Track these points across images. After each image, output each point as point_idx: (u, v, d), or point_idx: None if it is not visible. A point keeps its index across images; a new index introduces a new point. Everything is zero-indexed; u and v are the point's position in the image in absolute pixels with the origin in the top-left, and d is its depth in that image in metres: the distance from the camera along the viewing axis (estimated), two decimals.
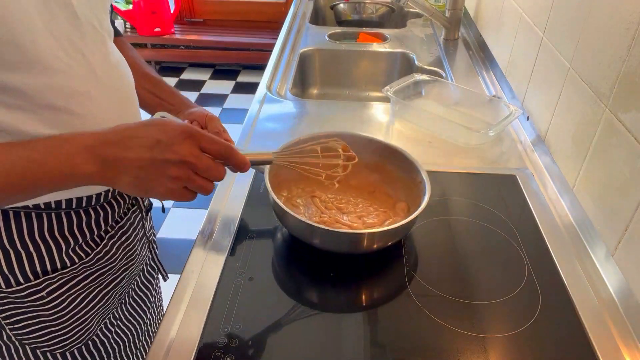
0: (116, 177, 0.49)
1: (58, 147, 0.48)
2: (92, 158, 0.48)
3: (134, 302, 0.86)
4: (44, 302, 0.67)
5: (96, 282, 0.72)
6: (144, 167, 0.49)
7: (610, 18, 0.77)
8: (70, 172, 0.47)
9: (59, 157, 0.47)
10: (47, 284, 0.66)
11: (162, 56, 3.63)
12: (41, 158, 0.47)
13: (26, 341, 0.70)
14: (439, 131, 1.10)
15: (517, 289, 0.71)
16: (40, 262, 0.65)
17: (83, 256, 0.69)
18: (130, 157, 0.49)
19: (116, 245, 0.73)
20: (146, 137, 0.49)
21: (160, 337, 0.64)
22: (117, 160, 0.48)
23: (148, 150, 0.49)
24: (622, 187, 0.72)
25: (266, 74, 1.38)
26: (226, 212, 0.85)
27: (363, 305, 0.69)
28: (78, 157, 0.48)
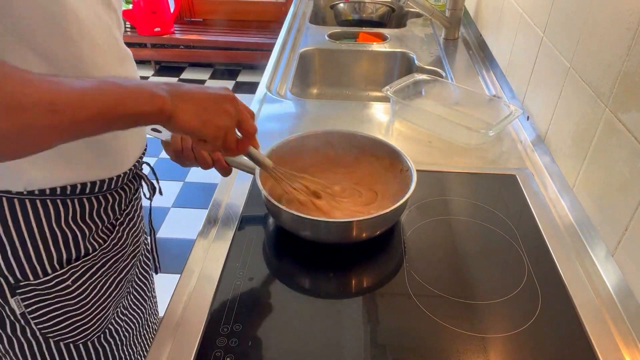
0: (181, 107, 0.56)
1: (142, 82, 0.56)
2: (163, 89, 0.56)
3: (136, 292, 0.88)
4: (70, 291, 0.69)
5: (112, 269, 0.75)
6: (204, 99, 0.59)
7: (610, 18, 0.77)
8: (149, 97, 0.54)
9: (139, 85, 0.54)
10: (72, 272, 0.68)
11: (162, 56, 3.63)
12: (127, 84, 0.53)
13: (50, 334, 0.71)
14: (439, 131, 1.10)
15: (517, 289, 0.71)
16: (67, 251, 0.67)
17: (102, 242, 0.71)
18: (193, 91, 0.59)
19: (125, 231, 0.76)
20: (200, 85, 0.61)
21: (160, 337, 0.64)
22: (182, 92, 0.57)
23: (206, 89, 0.60)
24: (622, 187, 0.72)
25: (266, 73, 1.38)
26: (226, 212, 0.85)
27: (363, 305, 0.69)
28: (153, 87, 0.55)
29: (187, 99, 0.57)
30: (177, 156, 0.78)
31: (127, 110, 0.52)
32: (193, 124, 0.58)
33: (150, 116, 0.54)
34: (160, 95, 0.54)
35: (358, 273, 0.76)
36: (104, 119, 0.50)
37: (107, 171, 0.68)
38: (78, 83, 0.49)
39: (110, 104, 0.50)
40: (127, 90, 0.52)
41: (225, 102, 0.61)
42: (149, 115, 0.54)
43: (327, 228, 0.74)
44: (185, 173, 2.57)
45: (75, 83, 0.49)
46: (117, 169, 0.70)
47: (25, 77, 0.45)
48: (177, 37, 3.51)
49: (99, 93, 0.50)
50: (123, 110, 0.51)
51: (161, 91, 0.54)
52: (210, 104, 0.59)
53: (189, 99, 0.57)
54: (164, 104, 0.54)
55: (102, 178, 0.67)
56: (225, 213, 0.85)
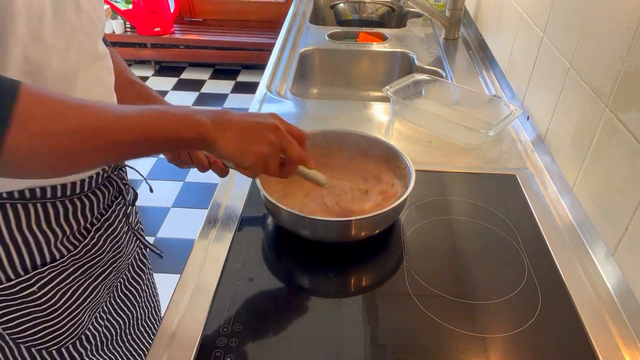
0: (223, 134, 0.58)
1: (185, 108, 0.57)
2: (206, 116, 0.57)
3: (124, 296, 0.86)
4: (36, 298, 0.67)
5: (85, 275, 0.72)
6: (246, 128, 0.60)
7: (610, 18, 0.77)
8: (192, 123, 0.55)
9: (182, 111, 0.56)
10: (37, 278, 0.65)
11: (162, 56, 3.63)
12: (170, 111, 0.55)
13: (20, 340, 0.69)
14: (439, 131, 1.10)
15: (517, 289, 0.71)
16: (30, 256, 0.64)
17: (71, 249, 0.69)
18: (236, 119, 0.60)
19: (102, 238, 0.73)
20: (249, 113, 0.63)
21: (160, 337, 0.64)
22: (224, 120, 0.58)
23: (250, 117, 0.61)
24: (622, 187, 0.72)
25: (266, 73, 1.38)
26: (226, 212, 0.85)
27: (363, 305, 0.69)
28: (195, 114, 0.56)
29: (229, 126, 0.58)
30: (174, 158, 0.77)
31: (169, 135, 0.54)
32: (233, 153, 0.59)
33: (191, 142, 0.56)
34: (203, 122, 0.56)
35: (358, 273, 0.76)
36: (144, 143, 0.52)
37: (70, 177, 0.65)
38: (121, 108, 0.51)
39: (151, 129, 0.52)
40: (170, 116, 0.54)
41: (267, 130, 0.61)
42: (190, 141, 0.56)
43: (327, 227, 0.74)
44: (185, 173, 2.57)
45: (118, 108, 0.51)
46: (78, 174, 0.66)
47: (67, 102, 0.47)
48: (177, 37, 3.51)
49: (140, 118, 0.52)
50: (165, 135, 0.53)
51: (204, 118, 0.56)
52: (251, 132, 0.60)
53: (230, 127, 0.58)
54: (206, 132, 0.56)
55: (64, 182, 0.64)
56: (225, 213, 0.85)
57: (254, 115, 0.62)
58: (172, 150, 0.57)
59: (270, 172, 0.64)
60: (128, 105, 0.52)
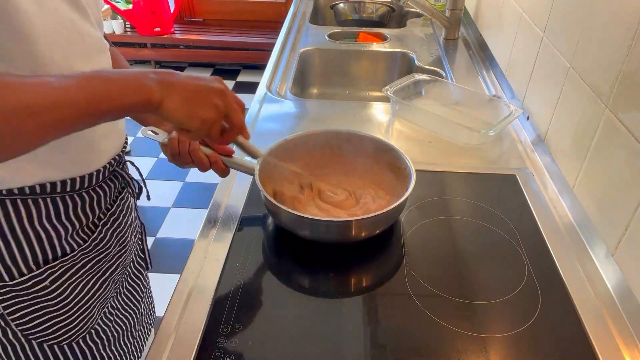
0: (169, 96, 0.56)
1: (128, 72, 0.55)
2: (151, 79, 0.55)
3: (128, 292, 0.87)
4: (48, 292, 0.68)
5: (94, 269, 0.73)
6: (192, 91, 0.59)
7: (610, 18, 0.77)
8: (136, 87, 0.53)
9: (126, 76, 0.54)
10: (49, 272, 0.67)
11: (162, 56, 3.63)
12: (113, 76, 0.53)
13: (32, 335, 0.70)
14: (439, 131, 1.10)
15: (517, 289, 0.71)
16: (42, 251, 0.66)
17: (81, 243, 0.70)
18: (182, 81, 0.58)
19: (109, 232, 0.74)
20: (194, 76, 0.61)
21: (160, 337, 0.64)
22: (171, 82, 0.57)
23: (197, 80, 0.60)
24: (622, 187, 0.72)
25: (266, 73, 1.38)
26: (226, 212, 0.85)
27: (363, 305, 0.69)
28: (140, 76, 0.55)
29: (175, 88, 0.57)
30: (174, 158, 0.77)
31: (114, 103, 0.51)
32: (178, 115, 0.58)
33: (137, 107, 0.54)
34: (148, 85, 0.54)
35: (358, 273, 0.76)
36: (89, 114, 0.50)
37: (77, 169, 0.66)
38: (59, 81, 0.49)
39: (95, 99, 0.50)
40: (113, 83, 0.52)
41: (213, 94, 0.61)
42: (136, 106, 0.54)
43: (327, 227, 0.74)
44: (185, 173, 2.57)
45: (56, 82, 0.48)
46: (89, 167, 0.68)
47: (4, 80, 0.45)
48: (177, 37, 3.51)
49: (81, 89, 0.49)
50: (109, 103, 0.51)
51: (149, 81, 0.54)
52: (198, 96, 0.59)
53: (177, 89, 0.57)
54: (151, 94, 0.54)
55: (73, 176, 0.65)
56: (225, 213, 0.85)
57: (201, 79, 0.61)
58: (120, 116, 0.55)
59: (212, 137, 0.63)
60: (70, 75, 0.50)
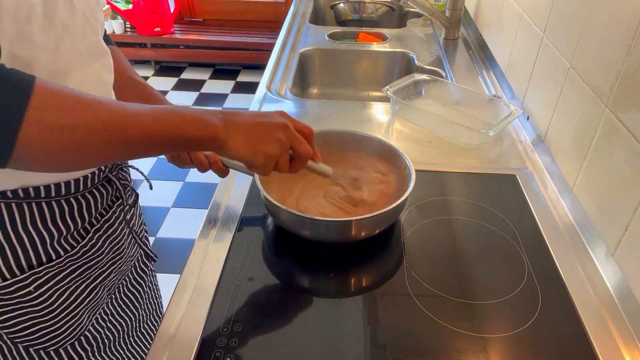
0: (233, 135, 0.59)
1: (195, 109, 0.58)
2: (217, 117, 0.58)
3: (126, 298, 0.86)
4: (32, 298, 0.66)
5: (83, 275, 0.72)
6: (255, 128, 0.61)
7: (610, 18, 0.77)
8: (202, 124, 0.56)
9: (194, 112, 0.57)
10: (33, 278, 0.65)
11: (162, 56, 3.63)
12: (182, 111, 0.56)
13: (18, 339, 0.69)
14: (439, 131, 1.10)
15: (517, 289, 0.71)
16: (25, 256, 0.64)
17: (69, 249, 0.68)
18: (245, 120, 0.61)
19: (102, 239, 0.73)
20: (258, 112, 0.63)
21: (160, 337, 0.64)
22: (235, 121, 0.60)
23: (260, 117, 0.62)
24: (622, 187, 0.72)
25: (266, 73, 1.38)
26: (226, 212, 0.85)
27: (363, 305, 0.69)
28: (206, 115, 0.58)
29: (239, 127, 0.60)
30: (174, 158, 0.77)
31: (181, 135, 0.55)
32: (244, 153, 0.60)
33: (202, 142, 0.58)
34: (214, 123, 0.57)
35: (358, 273, 0.76)
36: (156, 141, 0.53)
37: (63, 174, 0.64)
38: (135, 106, 0.52)
39: (164, 127, 0.53)
40: (182, 116, 0.55)
41: (277, 130, 0.62)
42: (201, 141, 0.57)
43: (327, 227, 0.74)
44: (185, 173, 2.57)
45: (131, 106, 0.52)
46: (75, 173, 0.66)
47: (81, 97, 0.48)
48: (177, 37, 3.51)
49: (154, 116, 0.53)
50: (177, 135, 0.55)
51: (215, 119, 0.57)
52: (261, 133, 0.61)
53: (241, 128, 0.60)
54: (217, 132, 0.57)
55: (57, 182, 0.64)
56: (225, 213, 0.85)
57: (263, 115, 0.63)
58: (182, 150, 0.59)
59: (281, 170, 0.65)
60: (141, 104, 0.53)
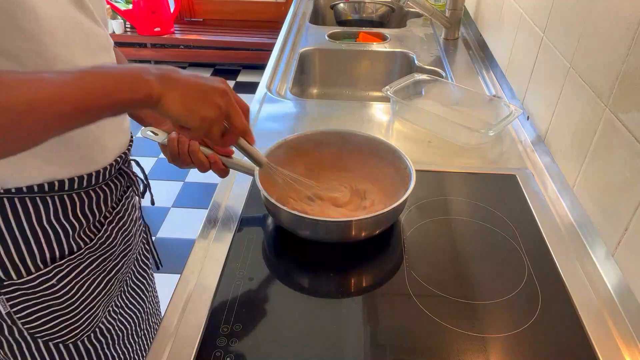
0: (169, 92, 0.56)
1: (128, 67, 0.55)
2: (152, 74, 0.55)
3: (132, 291, 0.87)
4: (55, 290, 0.68)
5: (100, 267, 0.74)
6: (194, 88, 0.58)
7: (610, 18, 0.77)
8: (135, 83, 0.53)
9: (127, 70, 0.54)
10: (56, 271, 0.67)
11: (162, 56, 3.63)
12: (113, 71, 0.53)
13: (38, 334, 0.70)
14: (439, 131, 1.10)
15: (517, 289, 0.71)
16: (49, 249, 0.66)
17: (88, 241, 0.70)
18: (184, 78, 0.58)
19: (115, 230, 0.75)
20: (197, 74, 0.60)
21: (160, 337, 0.64)
22: (172, 78, 0.56)
23: (199, 78, 0.59)
24: (622, 187, 0.72)
25: (266, 73, 1.38)
26: (226, 212, 0.85)
27: (363, 305, 0.69)
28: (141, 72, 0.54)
29: (176, 85, 0.56)
30: (174, 159, 0.77)
31: (112, 98, 0.51)
32: (178, 111, 0.57)
33: (136, 102, 0.54)
34: (148, 80, 0.53)
35: (358, 273, 0.76)
36: (89, 109, 0.50)
37: (84, 167, 0.66)
38: (58, 76, 0.48)
39: (93, 94, 0.49)
40: (110, 77, 0.51)
41: (215, 94, 0.60)
42: (134, 101, 0.53)
43: (327, 227, 0.74)
44: (185, 173, 2.57)
45: (55, 77, 0.48)
46: (95, 165, 0.68)
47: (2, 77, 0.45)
48: (177, 37, 3.51)
49: (80, 84, 0.49)
50: (108, 99, 0.51)
51: (149, 75, 0.54)
52: (199, 94, 0.58)
53: (178, 85, 0.56)
54: (151, 89, 0.54)
55: (80, 174, 0.66)
56: (225, 214, 0.85)
57: (202, 77, 0.60)
58: (119, 112, 0.55)
59: (212, 137, 0.62)
60: (68, 71, 0.50)
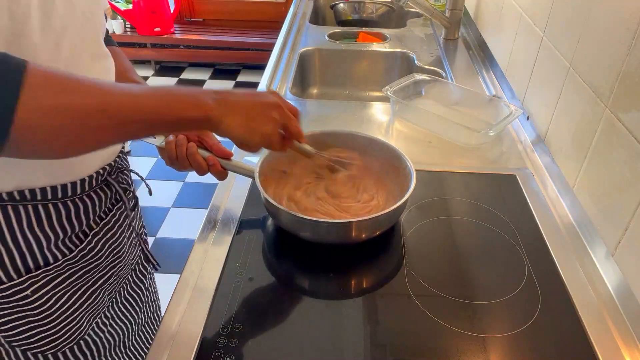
0: (228, 115, 0.60)
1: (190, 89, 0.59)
2: (211, 97, 0.59)
3: (126, 302, 0.85)
4: (30, 302, 0.66)
5: (82, 279, 0.71)
6: (250, 108, 0.62)
7: (610, 18, 0.77)
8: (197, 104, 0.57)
9: (188, 92, 0.58)
10: (31, 282, 0.65)
11: (162, 56, 3.63)
12: (177, 91, 0.57)
13: (15, 343, 0.69)
14: (439, 131, 1.10)
15: (517, 289, 0.71)
16: (22, 259, 0.64)
17: (67, 252, 0.68)
18: (239, 99, 0.62)
19: (101, 243, 0.72)
20: (250, 92, 0.64)
21: (160, 337, 0.64)
22: (229, 101, 0.60)
23: (253, 97, 0.63)
24: (622, 187, 0.72)
25: (266, 73, 1.38)
26: (226, 212, 0.85)
27: (363, 305, 0.69)
28: (201, 95, 0.59)
29: (234, 107, 0.60)
30: (172, 162, 0.77)
31: (174, 115, 0.55)
32: (240, 133, 0.61)
33: (196, 122, 0.58)
34: (208, 103, 0.58)
35: (358, 273, 0.76)
36: (151, 121, 0.54)
37: (60, 176, 0.64)
38: (129, 87, 0.53)
39: (158, 108, 0.54)
40: (176, 97, 0.56)
41: (270, 108, 0.63)
42: (194, 121, 0.58)
43: (327, 229, 0.74)
44: (184, 173, 2.57)
45: (126, 87, 0.52)
46: (72, 175, 0.65)
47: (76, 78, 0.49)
48: (177, 37, 3.51)
49: (148, 97, 0.54)
50: (170, 115, 0.55)
51: (209, 99, 0.58)
52: (256, 113, 0.62)
53: (235, 108, 0.60)
54: (211, 112, 0.58)
55: (53, 184, 0.63)
56: (224, 214, 0.85)
57: (256, 95, 0.64)
58: (177, 130, 0.60)
59: (274, 148, 0.67)
60: (135, 85, 0.54)
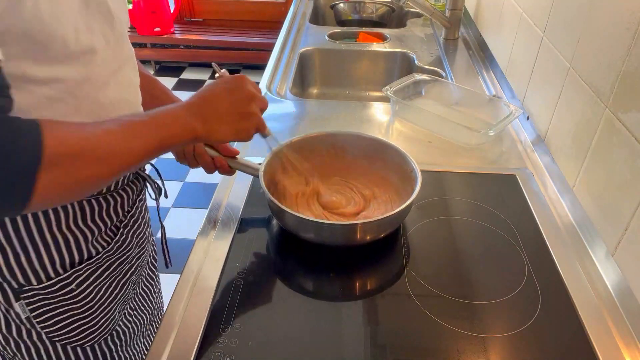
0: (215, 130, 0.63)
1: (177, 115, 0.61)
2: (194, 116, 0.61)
3: (143, 292, 0.88)
4: (74, 295, 0.69)
5: (116, 271, 0.74)
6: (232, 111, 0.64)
7: (610, 18, 0.77)
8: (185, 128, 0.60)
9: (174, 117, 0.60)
10: (75, 275, 0.68)
11: (162, 56, 3.63)
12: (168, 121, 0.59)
13: (57, 338, 0.71)
14: (439, 131, 1.10)
15: (517, 289, 0.71)
16: (69, 254, 0.66)
17: (105, 245, 0.71)
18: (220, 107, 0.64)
19: (130, 234, 0.75)
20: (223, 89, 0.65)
21: (160, 337, 0.64)
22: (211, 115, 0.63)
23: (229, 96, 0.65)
24: (622, 187, 0.72)
25: (266, 73, 1.38)
26: (226, 212, 0.85)
27: (363, 305, 0.69)
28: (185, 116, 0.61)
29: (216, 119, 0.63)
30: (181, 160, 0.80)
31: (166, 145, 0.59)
32: (229, 138, 0.66)
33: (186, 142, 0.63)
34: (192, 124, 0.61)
35: (358, 273, 0.76)
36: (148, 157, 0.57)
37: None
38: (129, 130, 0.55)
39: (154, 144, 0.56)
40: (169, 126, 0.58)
41: (249, 103, 0.66)
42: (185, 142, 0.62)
43: (332, 230, 0.74)
44: (185, 173, 2.57)
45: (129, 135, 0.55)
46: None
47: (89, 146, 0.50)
48: (177, 37, 3.51)
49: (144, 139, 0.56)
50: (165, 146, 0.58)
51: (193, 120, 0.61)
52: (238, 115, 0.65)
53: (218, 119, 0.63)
54: (198, 133, 0.61)
55: None
56: (225, 213, 0.85)
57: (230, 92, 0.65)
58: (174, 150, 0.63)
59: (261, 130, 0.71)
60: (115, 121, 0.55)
